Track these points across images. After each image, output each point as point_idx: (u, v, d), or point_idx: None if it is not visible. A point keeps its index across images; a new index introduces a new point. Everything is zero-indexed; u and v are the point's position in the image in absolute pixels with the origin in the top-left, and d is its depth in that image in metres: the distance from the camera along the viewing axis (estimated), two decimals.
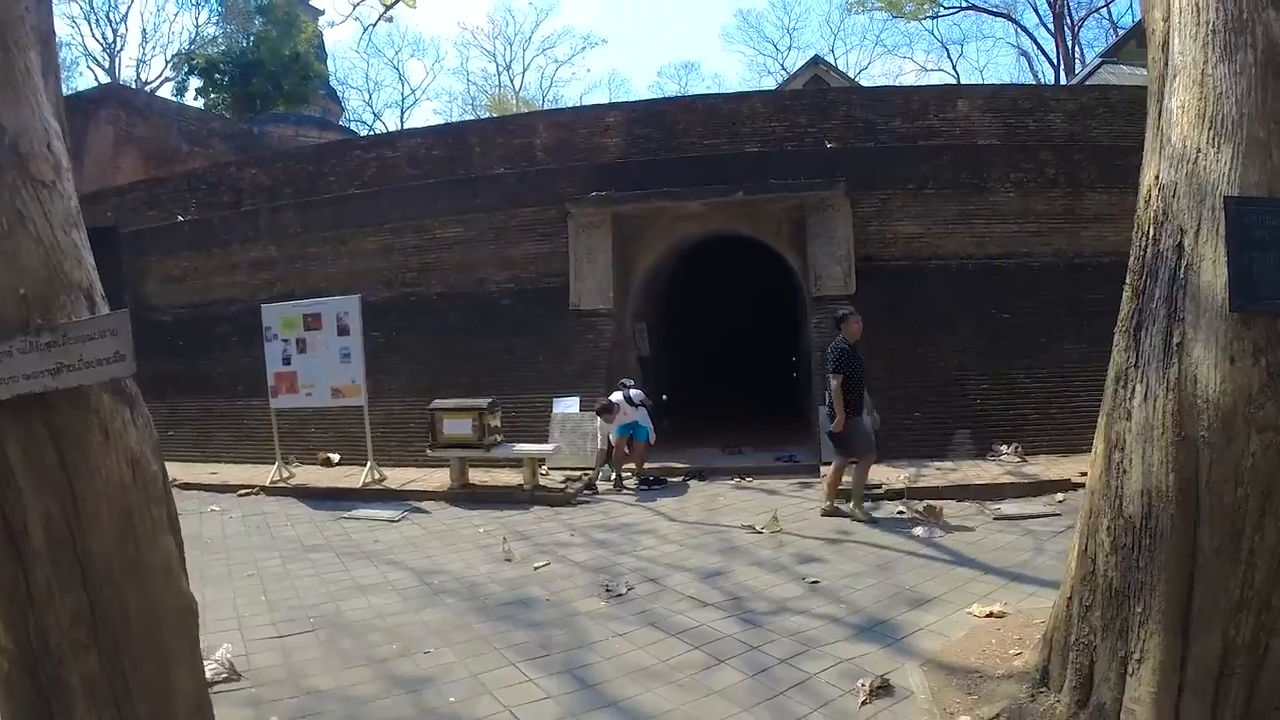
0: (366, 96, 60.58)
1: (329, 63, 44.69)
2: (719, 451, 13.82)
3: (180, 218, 18.88)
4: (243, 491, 12.85)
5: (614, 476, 12.22)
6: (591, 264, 14.62)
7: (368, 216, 16.65)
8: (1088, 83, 22.81)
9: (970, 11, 41.08)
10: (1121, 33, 33.49)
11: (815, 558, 8.25)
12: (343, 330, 12.94)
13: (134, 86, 36.56)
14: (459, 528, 10.19)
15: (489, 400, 12.27)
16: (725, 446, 13.92)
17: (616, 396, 12.16)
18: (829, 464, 11.91)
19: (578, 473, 12.66)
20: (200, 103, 34.48)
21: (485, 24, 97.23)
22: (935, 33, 51.31)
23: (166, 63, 39.48)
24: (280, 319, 13.46)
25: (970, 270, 14.33)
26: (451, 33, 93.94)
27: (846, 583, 7.35)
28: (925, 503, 9.63)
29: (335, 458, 14.41)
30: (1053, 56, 40.55)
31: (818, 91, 17.17)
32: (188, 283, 18.33)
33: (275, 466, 13.29)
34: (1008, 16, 40.86)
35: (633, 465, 12.28)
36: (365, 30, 29.56)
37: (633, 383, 12.69)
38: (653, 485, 12.09)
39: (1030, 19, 41.51)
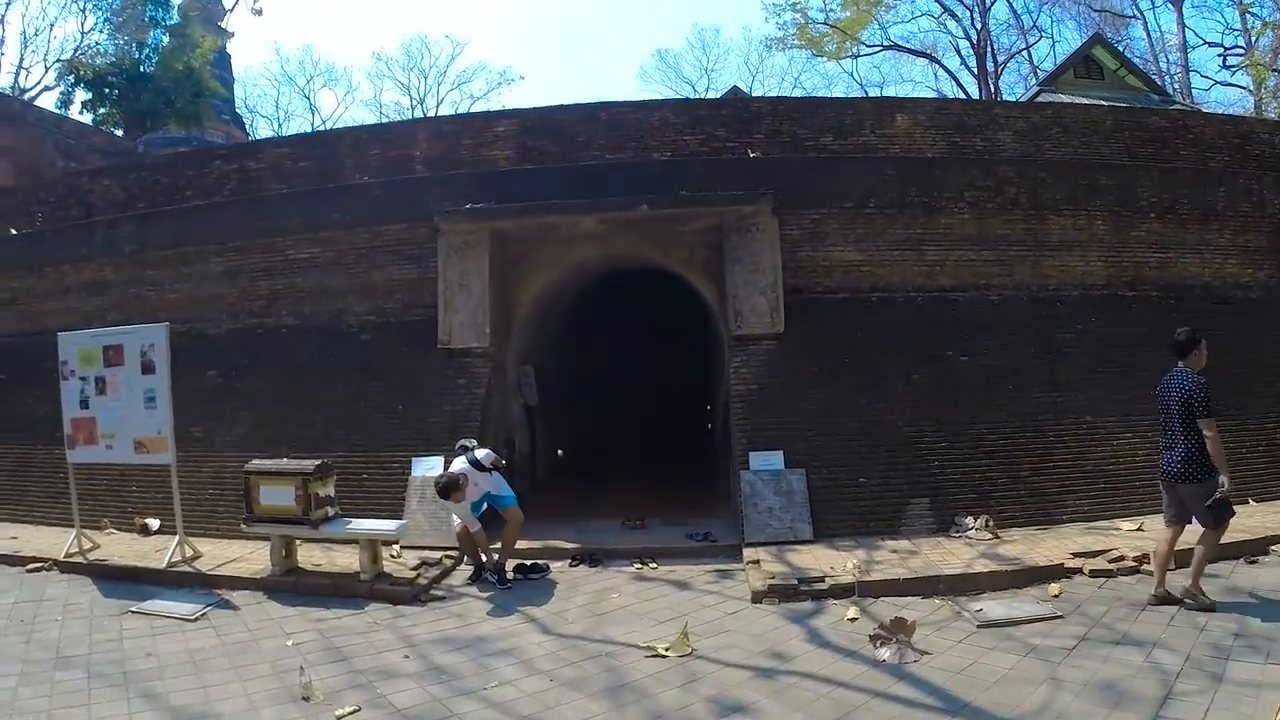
0: (276, 125, 57.61)
1: (236, 88, 42.68)
2: (618, 525, 11.16)
3: (14, 231, 16.23)
4: (32, 566, 10.15)
5: (475, 566, 9.55)
6: (465, 292, 11.98)
7: (212, 233, 13.99)
8: None
9: (891, 51, 40.05)
10: (1043, 75, 32.56)
11: (741, 704, 5.73)
12: (148, 368, 10.14)
13: (8, 94, 33.15)
14: (264, 637, 7.64)
15: (318, 463, 9.49)
16: (626, 519, 11.25)
17: (459, 465, 9.49)
18: (755, 544, 9.50)
19: (438, 554, 9.99)
20: (88, 117, 31.50)
21: (399, 55, 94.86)
22: (855, 74, 50.11)
23: (47, 70, 36.01)
24: (78, 352, 10.59)
25: (920, 304, 12.06)
26: (365, 63, 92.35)
27: None
28: (895, 616, 7.07)
29: (155, 524, 11.41)
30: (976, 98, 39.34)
31: (739, 101, 14.98)
32: (17, 306, 15.54)
33: (73, 536, 10.40)
34: (930, 57, 39.84)
35: (501, 546, 9.51)
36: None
37: (475, 443, 10.01)
38: (529, 574, 9.38)
39: (953, 61, 40.25)
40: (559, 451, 15.09)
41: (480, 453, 9.58)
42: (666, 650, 6.76)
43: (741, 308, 11.50)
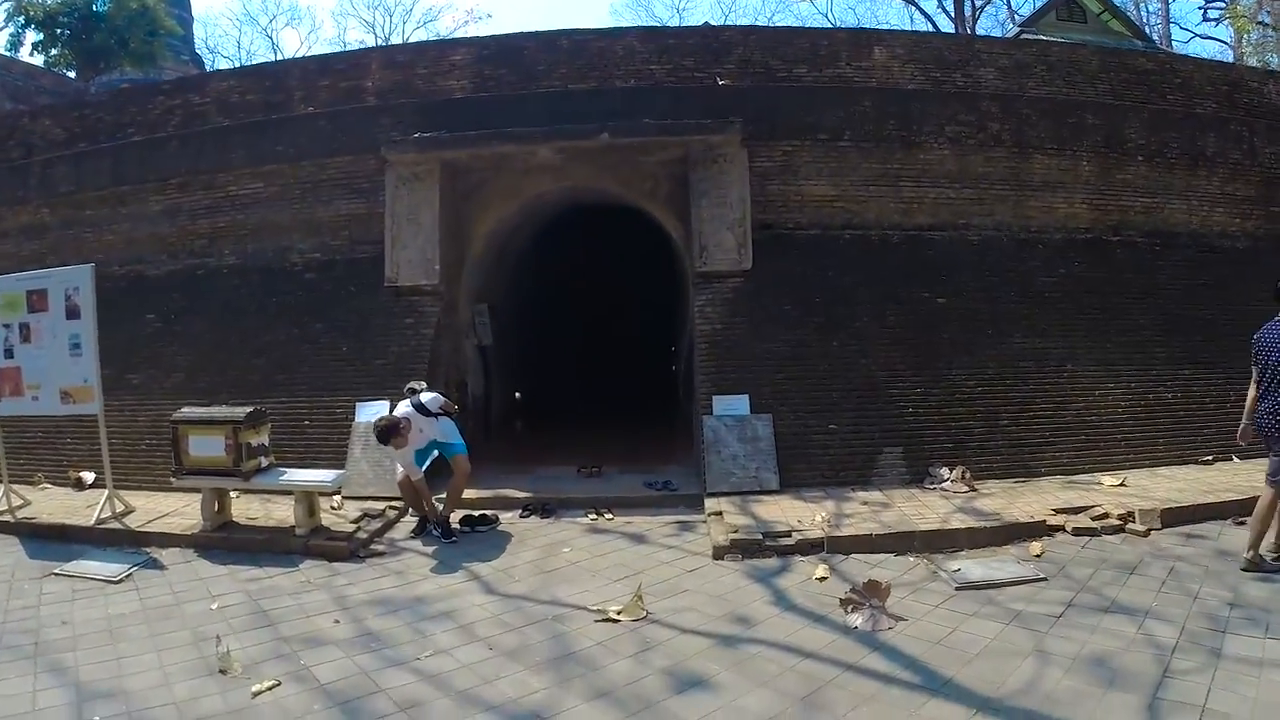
0: (238, 66, 55.89)
1: (196, 27, 41.41)
2: (574, 472, 10.49)
3: None
4: None
5: (419, 518, 8.82)
6: (414, 227, 11.20)
7: (151, 170, 13.11)
8: None
9: None
10: (1022, 21, 31.81)
11: (699, 678, 5.08)
12: (73, 313, 9.32)
13: None
14: (189, 600, 6.91)
15: (249, 410, 8.70)
16: (582, 466, 10.58)
17: (403, 409, 8.73)
18: (718, 494, 8.89)
19: (382, 504, 9.30)
20: (39, 59, 30.56)
21: None
22: (830, 16, 49.12)
23: (3, 13, 34.58)
24: (0, 298, 9.73)
25: (896, 243, 11.42)
26: (330, 1, 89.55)
27: None
28: (868, 578, 6.44)
29: (89, 477, 10.60)
30: None
31: (709, 30, 14.10)
32: None
33: (0, 493, 9.58)
34: None
35: (446, 497, 8.81)
36: None
37: (424, 386, 9.27)
38: (476, 526, 8.71)
39: (929, 3, 39.32)
40: (516, 394, 14.37)
41: (426, 397, 8.83)
42: (619, 614, 6.11)
43: (707, 243, 10.79)
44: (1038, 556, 7.25)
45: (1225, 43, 35.20)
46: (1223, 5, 34.42)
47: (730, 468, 9.29)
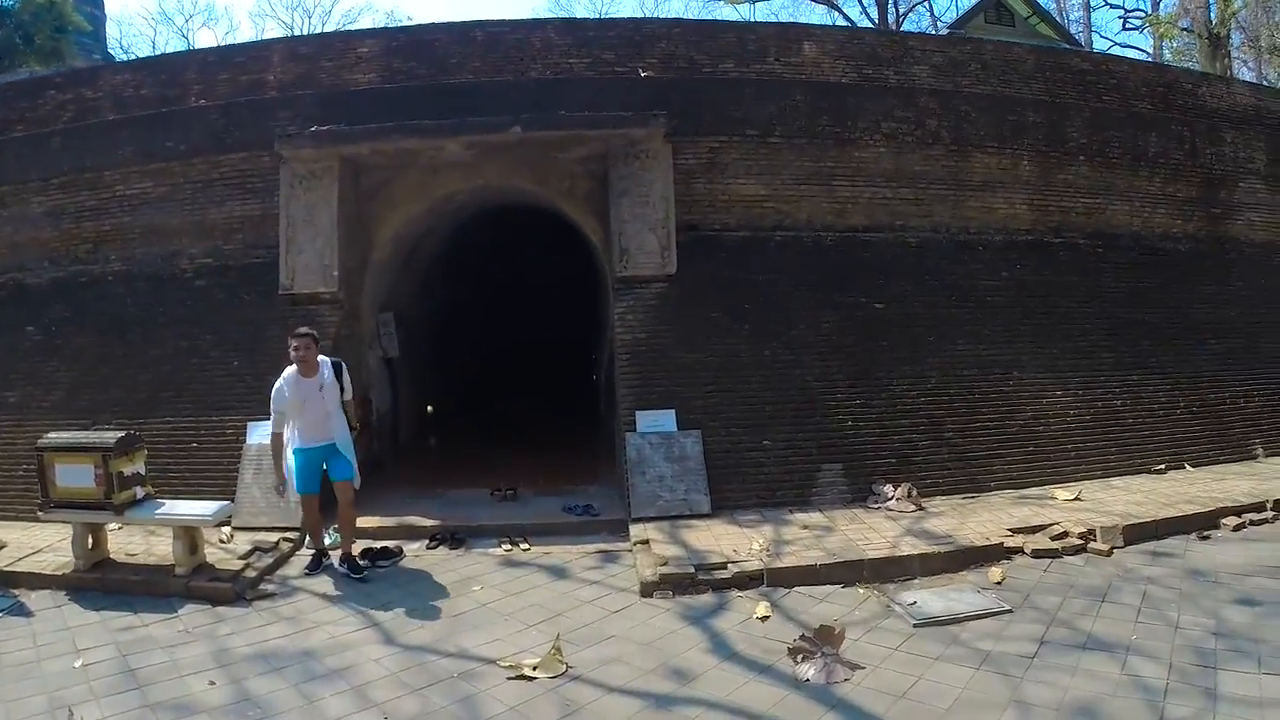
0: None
1: (110, 26, 39.86)
2: (487, 495, 9.59)
3: None
4: None
5: (315, 552, 7.88)
6: (311, 229, 10.21)
7: (33, 168, 11.90)
8: None
9: None
10: (944, 27, 31.68)
11: None
12: None
13: None
14: (51, 655, 6.00)
15: (120, 435, 7.67)
16: (496, 489, 9.68)
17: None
18: (644, 519, 8.11)
19: (275, 536, 8.32)
20: None
21: None
22: (753, 20, 48.66)
23: None
24: None
25: (830, 244, 10.73)
26: (247, 2, 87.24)
27: None
28: (819, 624, 5.68)
29: None
30: None
31: (630, 22, 13.33)
32: None
33: None
34: (831, 3, 37.98)
35: (341, 530, 7.82)
36: None
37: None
38: (377, 562, 7.78)
39: (853, 9, 38.81)
40: (429, 407, 13.42)
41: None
42: (535, 670, 5.30)
43: (628, 245, 9.96)
44: (998, 584, 6.66)
45: (1145, 51, 35.62)
46: (1142, 14, 34.76)
47: (657, 490, 8.48)
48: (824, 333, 9.90)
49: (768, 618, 6.11)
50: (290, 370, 7.55)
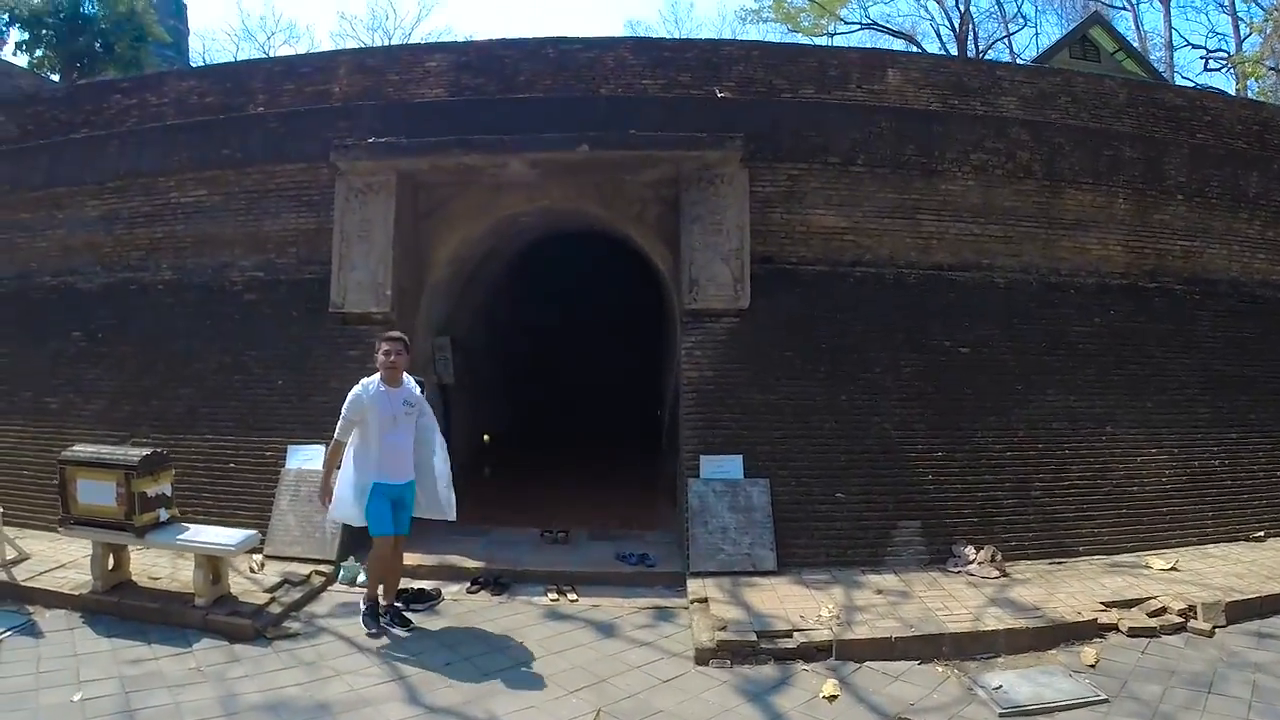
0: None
1: (194, 41, 41.27)
2: (537, 536, 9.03)
3: None
4: None
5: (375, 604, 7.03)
6: (365, 246, 9.79)
7: (89, 170, 11.71)
8: None
9: (869, 31, 38.01)
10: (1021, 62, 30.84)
11: None
12: None
13: None
14: (51, 685, 5.66)
15: (145, 453, 7.26)
16: (546, 530, 9.11)
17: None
18: (703, 574, 7.51)
19: (307, 568, 7.88)
20: (23, 59, 29.08)
21: (364, 14, 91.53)
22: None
23: None
24: None
25: (913, 283, 10.07)
26: (329, 22, 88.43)
27: None
28: (897, 716, 5.07)
29: None
30: None
31: (707, 44, 12.80)
32: None
33: None
34: (909, 38, 37.64)
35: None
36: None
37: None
38: (411, 605, 7.22)
39: (932, 44, 38.27)
40: (485, 437, 12.90)
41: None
42: None
43: (699, 276, 9.37)
44: (1092, 667, 5.98)
45: (1227, 93, 34.49)
46: (1225, 54, 33.63)
47: (719, 542, 7.86)
48: (904, 377, 9.23)
49: (836, 697, 5.53)
50: (373, 379, 6.85)
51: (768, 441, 8.56)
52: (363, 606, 6.88)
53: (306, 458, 8.88)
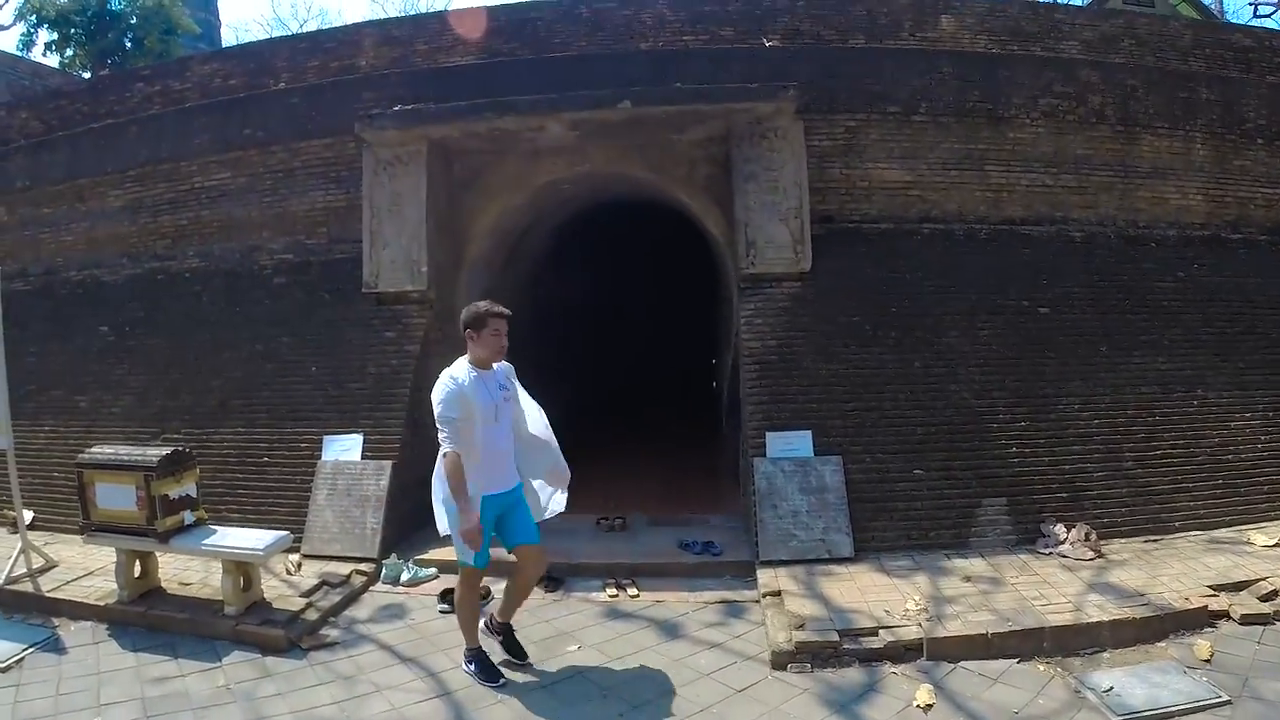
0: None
1: (225, 33, 41.32)
2: (592, 524, 8.44)
3: None
4: None
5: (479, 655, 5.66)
6: (397, 221, 9.23)
7: (109, 159, 11.36)
8: None
9: None
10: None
11: None
12: None
13: None
14: (72, 708, 5.27)
15: (166, 453, 6.73)
16: (603, 517, 8.51)
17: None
18: (774, 562, 6.92)
19: (347, 567, 7.37)
20: (54, 60, 29.15)
21: (397, 2, 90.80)
22: None
23: (2, 6, 33.12)
24: None
25: (984, 239, 9.39)
26: (360, 7, 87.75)
27: None
28: None
29: (29, 516, 8.65)
30: None
31: None
32: None
33: None
34: None
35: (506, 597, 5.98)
36: None
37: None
38: (448, 601, 6.68)
39: None
40: None
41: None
42: None
43: (755, 238, 8.71)
44: (1207, 661, 5.31)
45: None
46: (1274, 3, 32.38)
47: (790, 527, 7.22)
48: (981, 341, 8.55)
49: (931, 705, 4.92)
50: (463, 365, 5.30)
51: (838, 415, 7.90)
52: (465, 666, 5.60)
53: (343, 448, 8.39)
